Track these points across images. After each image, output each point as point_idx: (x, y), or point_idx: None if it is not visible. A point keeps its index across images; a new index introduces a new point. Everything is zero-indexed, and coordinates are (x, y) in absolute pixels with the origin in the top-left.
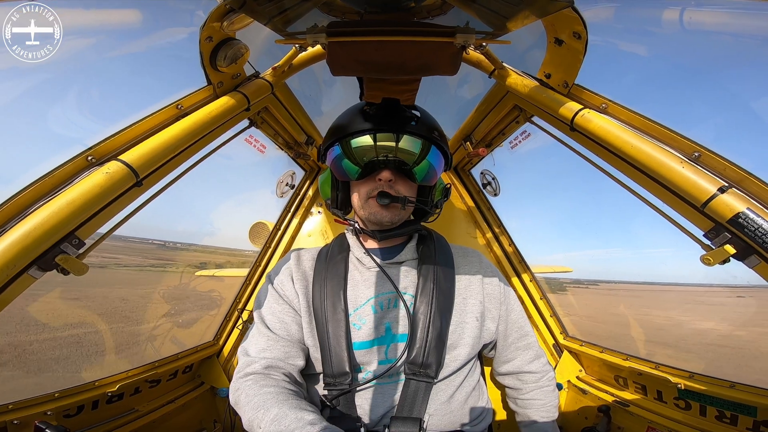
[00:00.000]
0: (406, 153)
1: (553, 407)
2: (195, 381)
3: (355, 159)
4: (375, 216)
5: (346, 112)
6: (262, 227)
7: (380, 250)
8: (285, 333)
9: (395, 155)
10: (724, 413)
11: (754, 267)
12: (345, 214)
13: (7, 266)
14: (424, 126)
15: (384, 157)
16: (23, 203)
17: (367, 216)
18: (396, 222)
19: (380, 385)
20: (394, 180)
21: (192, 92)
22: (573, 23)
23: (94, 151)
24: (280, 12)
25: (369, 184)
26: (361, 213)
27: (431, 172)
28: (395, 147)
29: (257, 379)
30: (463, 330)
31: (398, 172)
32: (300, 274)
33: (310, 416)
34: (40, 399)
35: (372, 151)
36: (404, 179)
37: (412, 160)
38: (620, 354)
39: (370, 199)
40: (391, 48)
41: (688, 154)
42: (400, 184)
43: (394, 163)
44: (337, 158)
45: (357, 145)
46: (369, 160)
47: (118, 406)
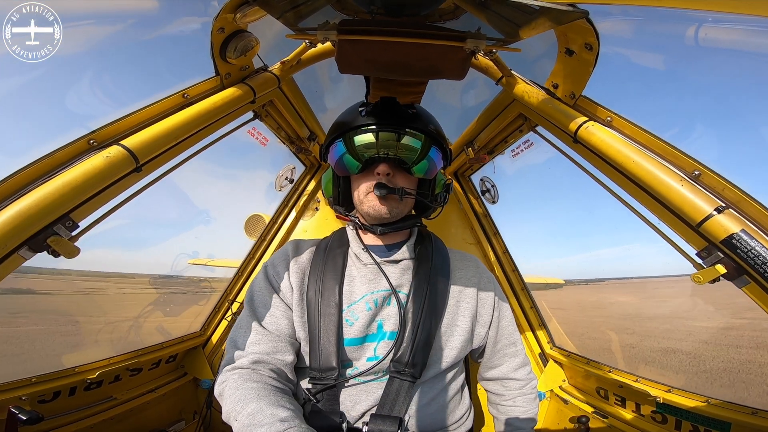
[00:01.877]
0: (407, 150)
1: (533, 415)
2: (178, 371)
3: (357, 155)
4: (374, 209)
5: (347, 111)
6: (258, 219)
7: (378, 246)
8: (275, 327)
9: (396, 153)
10: (698, 428)
11: (743, 288)
12: (347, 211)
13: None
14: (424, 123)
15: (385, 154)
16: (20, 182)
17: (366, 210)
18: (395, 215)
19: (364, 383)
20: (393, 173)
21: (199, 82)
22: (586, 34)
23: (97, 134)
24: (293, 7)
25: (368, 178)
26: (361, 207)
27: (431, 167)
28: (396, 144)
29: (243, 374)
30: (453, 332)
31: (397, 166)
32: (297, 266)
33: (285, 413)
34: (16, 383)
35: (374, 147)
36: (402, 172)
37: (412, 159)
38: (604, 366)
39: (369, 193)
40: (400, 49)
41: (688, 172)
42: (398, 177)
43: (395, 160)
44: (339, 156)
45: (359, 142)
46: (370, 156)
47: (96, 393)
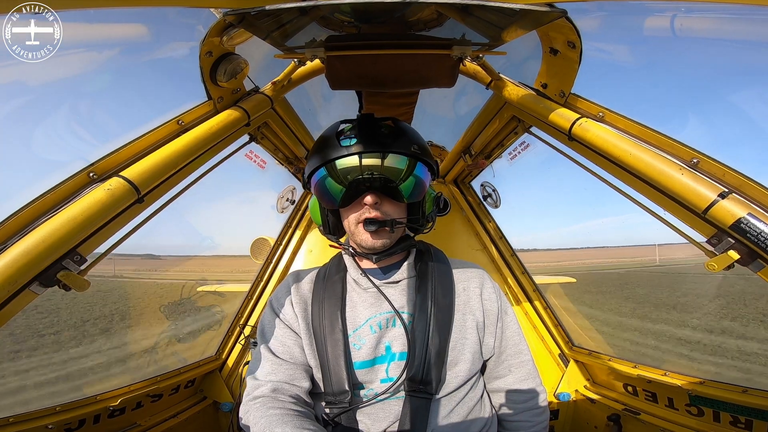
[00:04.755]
0: (392, 170)
1: (543, 428)
2: (197, 396)
3: (340, 179)
4: (366, 243)
5: (323, 135)
6: (264, 243)
7: (376, 270)
8: (288, 356)
9: (381, 173)
10: (739, 418)
11: (758, 272)
12: (338, 238)
13: (8, 282)
14: (406, 140)
15: (369, 174)
16: (25, 220)
17: (359, 242)
18: (388, 245)
19: (381, 402)
20: (380, 202)
21: (192, 107)
22: (567, 33)
23: (96, 167)
24: (279, 27)
25: (356, 209)
26: (353, 238)
27: (418, 187)
28: (381, 165)
29: (264, 402)
30: (464, 346)
31: (383, 193)
32: (298, 297)
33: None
34: (41, 412)
35: (357, 170)
36: (389, 200)
37: (399, 177)
38: (628, 362)
39: (359, 224)
40: (389, 61)
41: (686, 160)
42: (386, 205)
43: (379, 181)
44: (320, 180)
45: (341, 166)
46: (354, 178)
47: (120, 420)
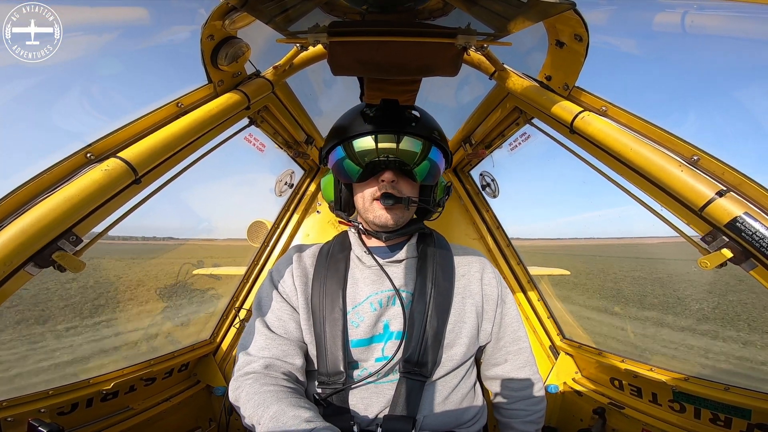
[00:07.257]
0: (407, 153)
1: (539, 417)
2: (191, 380)
3: (357, 160)
4: (380, 219)
5: (346, 114)
6: (260, 226)
7: (380, 248)
8: (283, 331)
9: (396, 156)
10: (719, 416)
11: (751, 271)
12: (349, 216)
13: (3, 263)
14: (424, 126)
15: (385, 157)
16: (21, 199)
17: (372, 219)
18: (401, 223)
19: (374, 384)
20: (397, 180)
21: (192, 90)
22: (575, 25)
23: (93, 147)
24: (282, 11)
25: (372, 185)
26: (365, 215)
27: (432, 171)
28: (396, 148)
29: (257, 378)
30: (461, 330)
31: (400, 172)
32: (300, 271)
33: (308, 414)
34: (34, 396)
35: (373, 152)
36: (406, 179)
37: (413, 161)
38: (617, 356)
39: (375, 201)
40: (392, 48)
41: (687, 157)
42: (402, 184)
43: (395, 163)
44: (338, 160)
45: (359, 148)
46: (370, 160)
47: (113, 403)
